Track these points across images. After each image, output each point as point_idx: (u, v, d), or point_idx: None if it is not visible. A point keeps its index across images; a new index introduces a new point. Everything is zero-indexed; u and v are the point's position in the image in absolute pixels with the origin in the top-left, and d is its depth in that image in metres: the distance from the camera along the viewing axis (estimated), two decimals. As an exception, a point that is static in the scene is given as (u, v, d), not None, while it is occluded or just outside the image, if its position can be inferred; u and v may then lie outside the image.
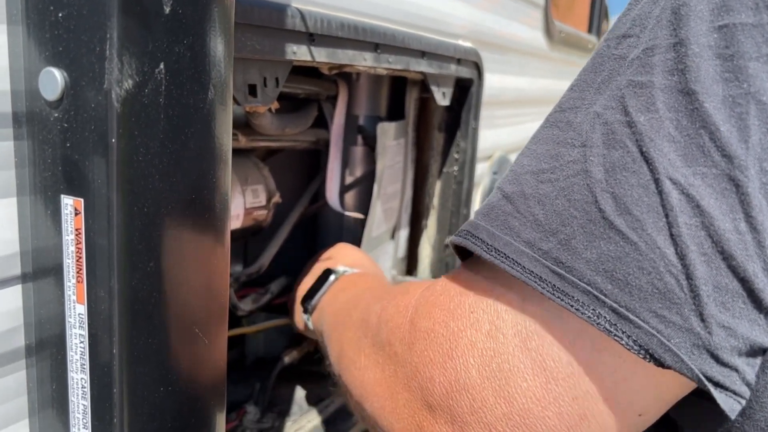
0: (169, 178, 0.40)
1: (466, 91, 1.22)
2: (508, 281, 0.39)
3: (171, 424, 0.44)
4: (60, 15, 0.37)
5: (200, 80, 0.41)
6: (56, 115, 0.39)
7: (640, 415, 0.38)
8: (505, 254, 0.38)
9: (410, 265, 1.30)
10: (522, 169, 0.41)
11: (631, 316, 0.34)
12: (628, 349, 0.34)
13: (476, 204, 1.39)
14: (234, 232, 0.85)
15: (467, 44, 1.17)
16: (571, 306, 0.35)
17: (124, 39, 0.36)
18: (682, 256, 0.33)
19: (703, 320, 0.33)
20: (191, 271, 0.43)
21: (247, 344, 1.10)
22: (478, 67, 1.21)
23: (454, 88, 1.18)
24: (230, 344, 1.10)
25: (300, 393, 1.06)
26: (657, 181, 0.34)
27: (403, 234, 1.24)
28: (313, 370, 1.08)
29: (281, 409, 0.99)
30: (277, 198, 0.91)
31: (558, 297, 0.36)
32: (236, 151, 0.88)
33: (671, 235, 0.34)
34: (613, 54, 0.39)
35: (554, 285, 0.36)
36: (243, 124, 0.84)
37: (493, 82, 1.36)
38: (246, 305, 0.93)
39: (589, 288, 0.35)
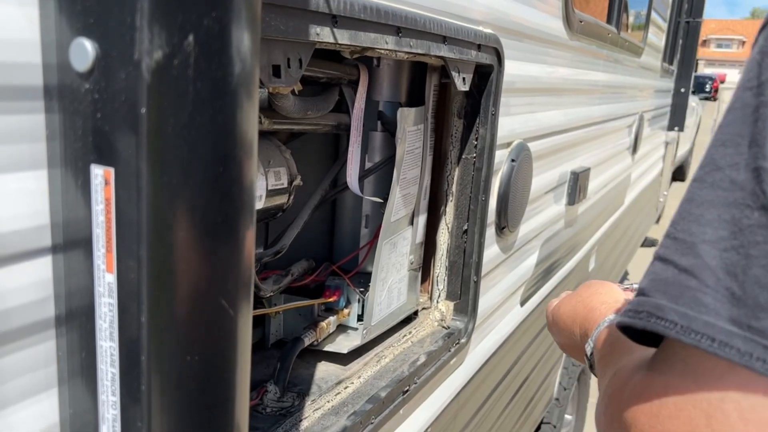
0: (198, 150, 0.41)
1: (486, 77, 1.21)
2: (717, 368, 0.36)
3: (197, 393, 0.45)
4: (92, -13, 0.38)
5: (228, 54, 0.42)
6: (87, 86, 0.39)
7: None
8: (711, 337, 0.35)
9: (428, 251, 1.30)
10: (694, 238, 0.38)
11: None
12: None
13: (495, 191, 1.39)
14: (256, 213, 0.86)
15: (488, 30, 1.16)
16: None
17: (154, 10, 0.37)
18: None
19: None
20: (218, 243, 0.44)
21: (269, 325, 1.11)
22: (498, 54, 1.21)
23: (474, 74, 1.17)
24: (252, 325, 1.11)
25: (320, 374, 1.07)
26: None
27: (422, 220, 1.24)
28: (333, 351, 1.10)
29: (301, 390, 1.00)
30: (298, 181, 0.91)
31: None
32: (259, 134, 0.89)
33: None
34: (762, 101, 0.37)
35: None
36: (266, 107, 0.85)
37: (513, 69, 1.36)
38: (268, 286, 0.94)
39: None
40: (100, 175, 0.40)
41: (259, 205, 0.85)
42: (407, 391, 1.08)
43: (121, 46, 0.38)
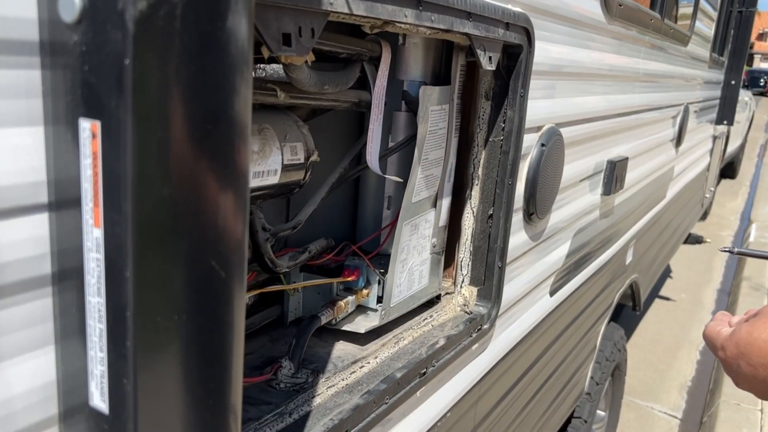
0: (186, 105, 0.40)
1: (515, 57, 1.19)
2: None
3: (184, 353, 0.44)
4: (79, -64, 0.38)
5: (218, 8, 0.41)
6: (75, 38, 0.39)
7: None
8: None
9: (452, 234, 1.29)
10: None
11: None
12: None
13: (523, 176, 1.36)
14: (271, 188, 0.86)
15: (517, 9, 1.13)
16: None
17: (138, -41, 0.36)
18: None
19: None
20: (207, 203, 0.44)
21: (287, 303, 1.11)
22: (528, 33, 1.18)
23: (501, 54, 1.15)
24: (271, 302, 1.12)
25: (336, 353, 1.06)
26: None
27: (445, 203, 1.22)
28: (351, 331, 1.09)
29: (317, 367, 1.00)
30: (315, 157, 0.91)
31: None
32: (276, 108, 0.89)
33: None
34: None
35: None
36: (282, 81, 0.84)
37: (545, 50, 1.33)
38: (283, 261, 0.94)
39: None
40: (87, 128, 0.40)
41: (275, 179, 0.84)
42: (424, 373, 1.07)
43: (107, -5, 0.37)
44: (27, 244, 0.46)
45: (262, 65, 0.97)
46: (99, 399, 0.44)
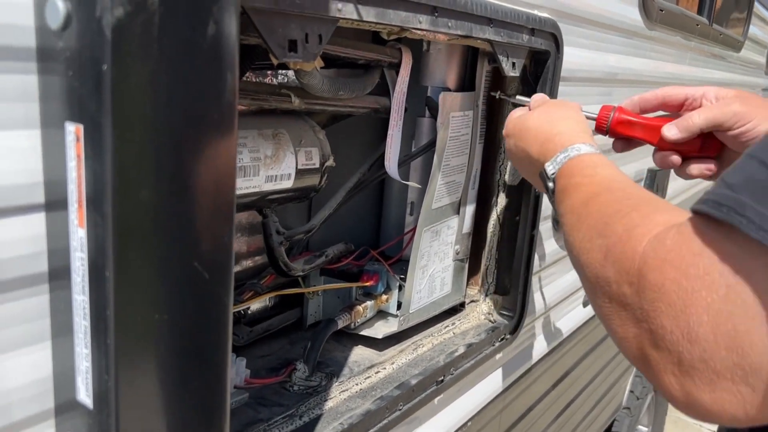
0: (164, 110, 0.41)
1: (542, 63, 1.17)
2: (761, 252, 0.42)
3: (165, 352, 0.45)
4: (62, -54, 0.39)
5: (199, 15, 0.42)
6: (61, 44, 0.41)
7: None
8: None
9: (476, 241, 1.28)
10: None
11: None
12: None
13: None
14: (286, 192, 0.87)
15: (543, 14, 1.12)
16: None
17: (115, -32, 0.37)
18: None
19: None
20: (188, 205, 0.44)
21: (306, 306, 1.12)
22: (556, 39, 1.16)
23: (528, 60, 1.13)
24: (291, 305, 1.13)
25: (353, 357, 1.07)
26: None
27: (469, 209, 1.21)
28: (369, 336, 1.09)
29: (332, 371, 1.01)
30: (331, 161, 0.91)
31: None
32: (292, 113, 0.90)
33: None
34: None
35: None
36: (298, 87, 0.85)
37: (577, 56, 1.30)
38: (298, 265, 0.95)
39: None
40: (72, 131, 0.42)
41: (289, 183, 0.85)
42: (442, 381, 1.06)
43: (87, 3, 0.39)
44: (24, 243, 0.48)
45: (282, 71, 0.99)
46: (84, 394, 0.46)
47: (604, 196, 0.67)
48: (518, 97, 1.11)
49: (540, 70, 1.17)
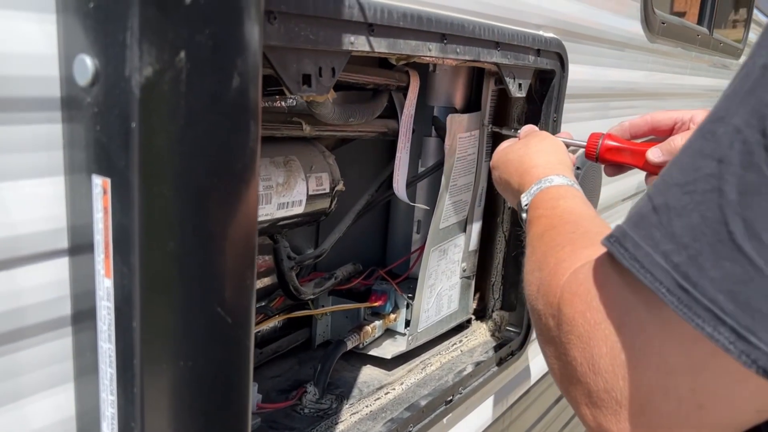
0: (191, 163, 0.42)
1: (547, 82, 1.18)
2: (640, 287, 0.42)
3: (190, 398, 0.46)
4: (91, 5, 0.40)
5: (224, 68, 0.42)
6: (88, 99, 0.41)
7: (759, 411, 0.40)
8: (642, 264, 0.41)
9: (484, 259, 1.28)
10: (670, 180, 0.42)
11: (751, 338, 0.36)
12: (747, 367, 0.36)
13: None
14: (296, 218, 0.87)
15: (549, 34, 1.13)
16: (692, 321, 0.38)
17: (144, 28, 0.38)
18: None
19: None
20: (213, 254, 0.45)
21: (315, 327, 1.13)
22: (561, 58, 1.17)
23: (533, 80, 1.14)
24: (299, 326, 1.14)
25: (362, 378, 1.07)
26: None
27: (476, 227, 1.22)
28: (378, 356, 1.10)
29: (342, 392, 1.01)
30: (341, 186, 0.92)
31: (681, 311, 0.39)
32: (302, 139, 0.91)
33: None
34: (759, 63, 0.39)
35: (680, 298, 0.39)
36: (307, 114, 0.86)
37: (580, 74, 1.31)
38: (308, 289, 0.95)
39: (710, 306, 0.37)
40: (99, 184, 0.42)
41: (300, 209, 0.86)
42: (450, 401, 1.07)
43: (116, 62, 0.39)
44: (48, 288, 0.48)
45: (291, 96, 0.99)
46: (110, 439, 0.46)
47: (555, 230, 0.69)
48: (505, 131, 1.13)
49: (545, 89, 1.18)
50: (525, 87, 1.09)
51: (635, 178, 1.80)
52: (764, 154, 0.36)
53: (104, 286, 0.44)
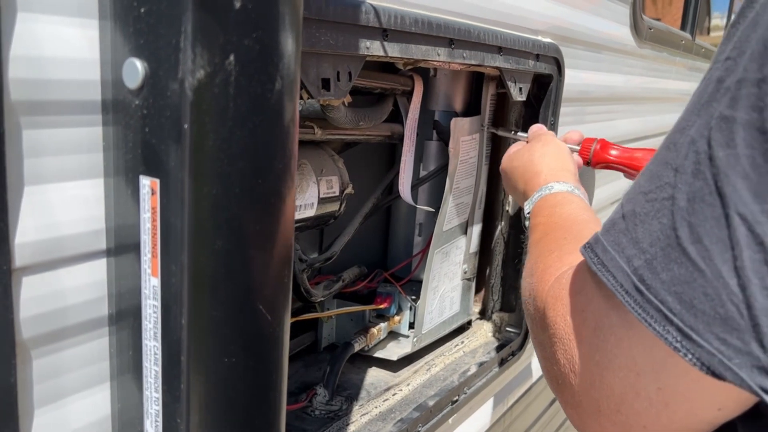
0: (237, 163, 0.43)
1: (545, 86, 1.20)
2: (610, 291, 0.44)
3: (233, 393, 0.47)
4: (142, 10, 0.41)
5: (268, 72, 0.44)
6: (137, 102, 0.42)
7: (720, 408, 0.41)
8: (607, 268, 0.43)
9: (483, 260, 1.30)
10: (638, 188, 0.44)
11: (695, 336, 0.38)
12: (693, 365, 0.38)
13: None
14: (308, 221, 0.88)
15: (547, 40, 1.15)
16: (645, 321, 0.40)
17: (197, 32, 0.39)
18: (743, 288, 0.36)
19: (762, 346, 0.36)
20: (255, 252, 0.46)
21: (321, 329, 1.14)
22: (558, 63, 1.19)
23: (532, 84, 1.17)
24: (305, 329, 1.14)
25: (369, 379, 1.08)
26: (727, 216, 0.37)
27: (476, 230, 1.24)
28: (383, 358, 1.11)
29: (350, 394, 1.02)
30: (350, 189, 0.93)
31: (636, 311, 0.41)
32: (312, 143, 0.92)
33: (735, 267, 0.36)
34: (715, 77, 0.41)
35: (635, 299, 0.41)
36: (319, 117, 0.87)
37: (574, 78, 1.34)
38: (318, 291, 0.96)
39: (661, 307, 0.39)
40: (147, 185, 0.43)
41: (311, 212, 0.87)
42: (456, 401, 1.08)
43: (167, 65, 0.40)
44: (87, 289, 0.49)
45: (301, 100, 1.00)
46: (153, 437, 0.47)
47: (548, 236, 0.72)
48: (519, 133, 1.15)
49: (543, 94, 1.21)
50: (525, 91, 1.11)
51: (627, 181, 1.83)
52: (708, 162, 0.38)
53: (151, 284, 0.45)
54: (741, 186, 0.37)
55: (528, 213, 0.85)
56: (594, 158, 1.07)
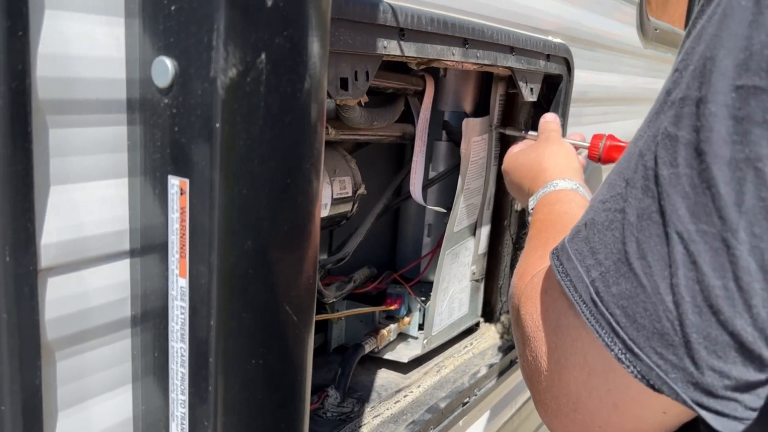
0: (267, 163, 0.43)
1: (554, 87, 1.20)
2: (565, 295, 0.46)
3: (260, 395, 0.46)
4: (173, 8, 0.40)
5: (297, 70, 0.43)
6: (166, 101, 0.42)
7: (665, 412, 0.43)
8: (570, 277, 0.45)
9: (491, 261, 1.30)
10: (599, 196, 0.45)
11: (635, 349, 0.40)
12: (634, 377, 0.40)
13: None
14: (321, 221, 0.88)
15: (557, 40, 1.15)
16: (596, 332, 0.42)
17: (229, 30, 0.39)
18: (677, 305, 0.38)
19: (695, 363, 0.37)
20: (284, 252, 0.46)
21: (331, 331, 1.13)
22: (568, 63, 1.19)
23: (542, 84, 1.16)
24: (315, 330, 1.14)
25: (380, 381, 1.08)
26: (667, 234, 0.38)
27: (485, 231, 1.23)
28: (393, 360, 1.10)
29: (361, 396, 1.02)
30: (362, 190, 0.93)
31: (590, 322, 0.42)
32: (326, 143, 0.91)
33: (671, 284, 0.38)
34: (666, 87, 0.42)
35: (591, 310, 0.43)
36: (333, 117, 0.87)
37: (583, 78, 1.34)
38: (330, 292, 0.96)
39: (610, 319, 0.41)
40: (176, 185, 0.43)
41: (325, 213, 0.87)
42: (467, 402, 1.08)
43: (199, 64, 0.40)
44: (111, 290, 0.49)
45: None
46: (179, 439, 0.46)
47: (542, 234, 0.72)
48: (529, 132, 1.15)
49: (552, 94, 1.20)
50: (536, 91, 1.11)
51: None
52: (654, 180, 0.39)
53: (178, 285, 0.44)
54: (680, 205, 0.38)
55: (531, 209, 0.86)
56: (604, 154, 1.07)
